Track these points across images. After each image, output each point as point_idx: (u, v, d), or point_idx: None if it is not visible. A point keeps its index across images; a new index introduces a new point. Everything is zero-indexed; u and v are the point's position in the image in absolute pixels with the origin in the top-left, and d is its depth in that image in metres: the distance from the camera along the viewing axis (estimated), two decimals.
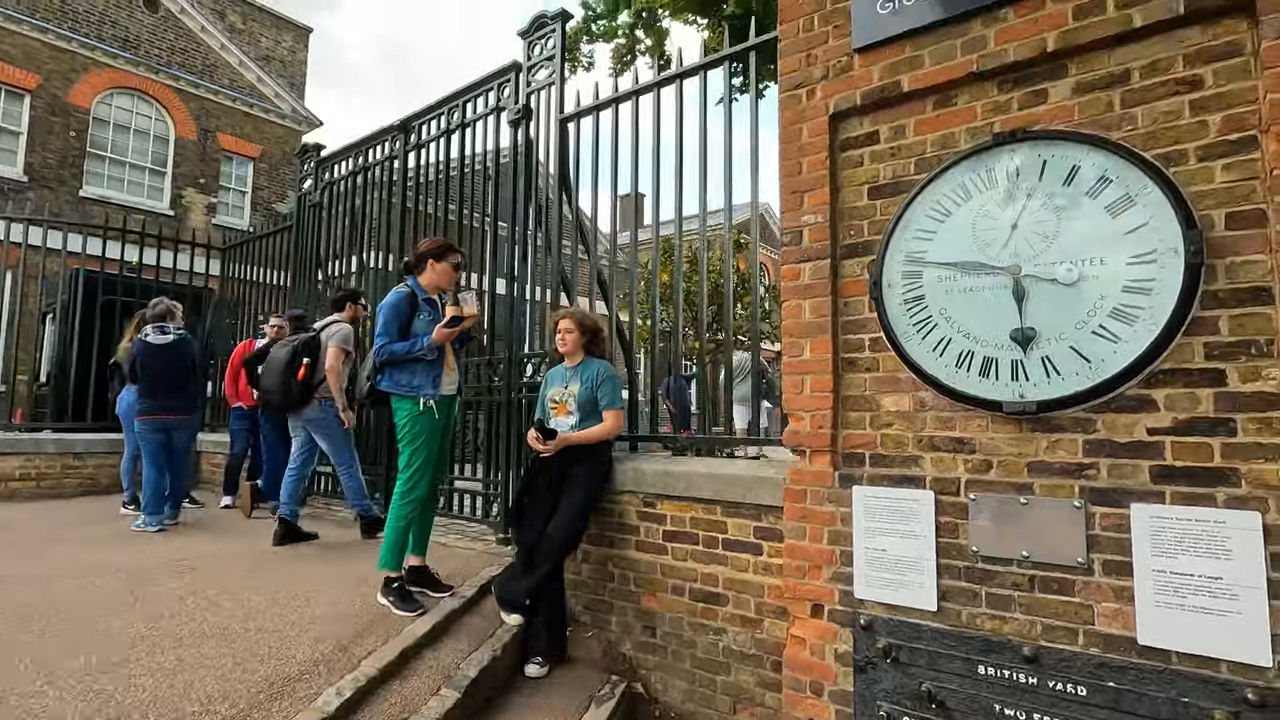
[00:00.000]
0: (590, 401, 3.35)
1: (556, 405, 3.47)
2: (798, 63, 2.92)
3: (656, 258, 3.78)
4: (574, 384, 3.43)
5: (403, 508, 3.26)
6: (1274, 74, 1.95)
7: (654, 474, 3.34)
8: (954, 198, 2.51)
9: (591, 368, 3.41)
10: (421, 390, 3.25)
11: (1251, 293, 2.00)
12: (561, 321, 3.48)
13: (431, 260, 3.37)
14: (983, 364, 2.40)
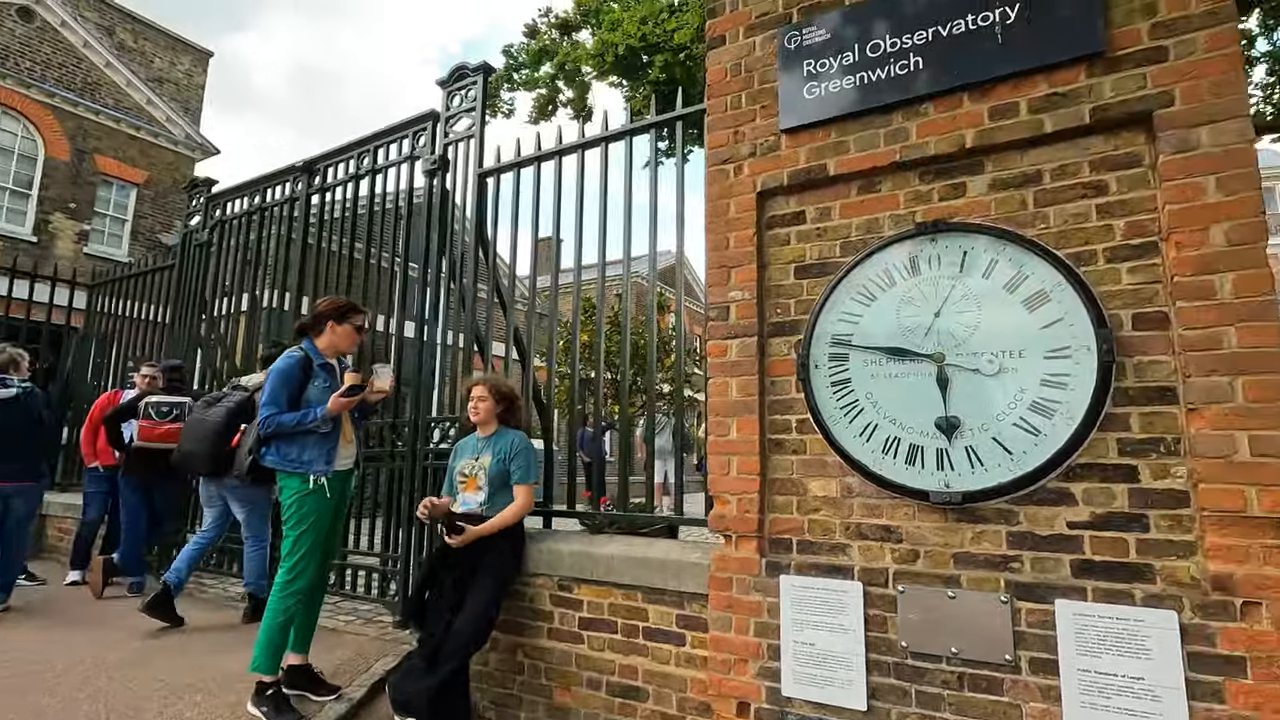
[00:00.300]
0: (501, 475, 3.11)
1: (466, 479, 3.21)
2: (725, 138, 2.90)
3: (576, 319, 3.64)
4: (485, 456, 3.18)
5: (283, 600, 2.87)
6: (1171, 187, 2.07)
7: (571, 556, 3.11)
8: (879, 283, 2.52)
9: (505, 439, 3.18)
10: (312, 466, 2.91)
11: (1158, 392, 2.07)
12: (474, 389, 3.25)
13: (331, 322, 3.07)
14: (909, 451, 2.38)
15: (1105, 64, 2.20)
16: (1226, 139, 2.01)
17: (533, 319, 3.88)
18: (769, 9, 2.88)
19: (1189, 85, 2.08)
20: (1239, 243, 1.97)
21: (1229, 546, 1.90)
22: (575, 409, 3.77)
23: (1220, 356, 1.95)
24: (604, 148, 3.57)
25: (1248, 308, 1.94)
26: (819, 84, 2.68)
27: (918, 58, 2.49)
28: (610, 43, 6.89)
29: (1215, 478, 1.92)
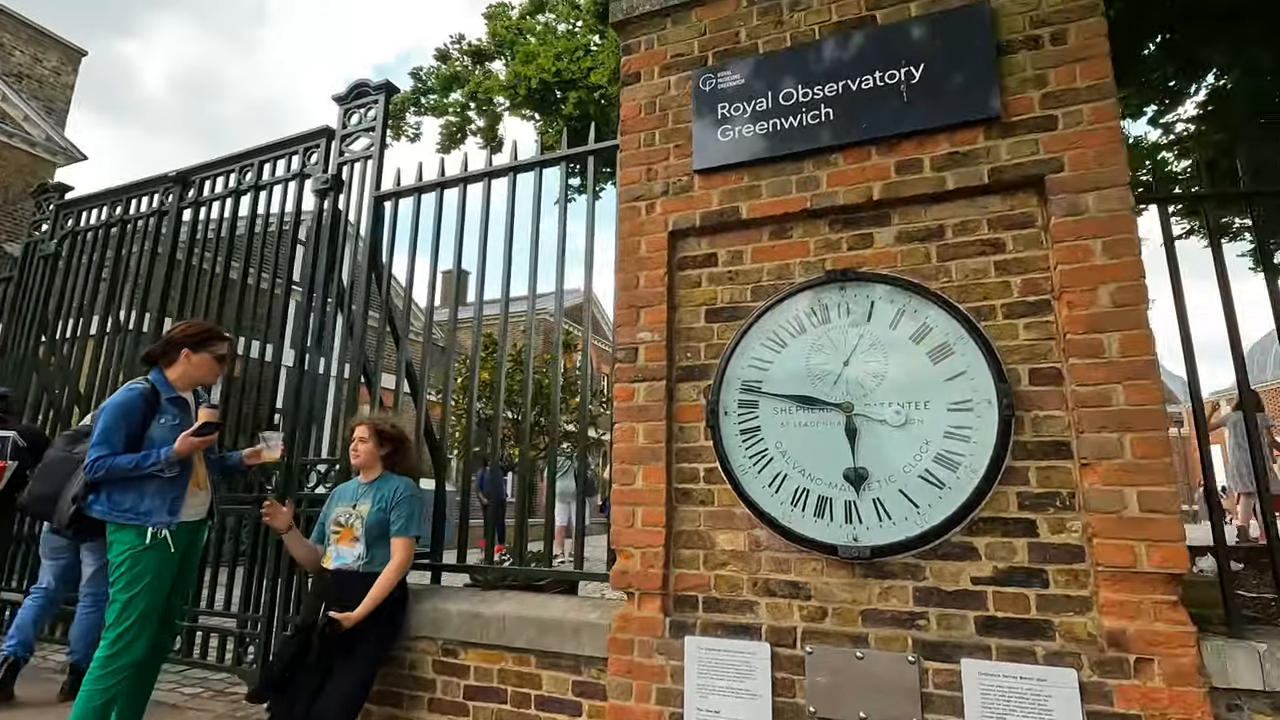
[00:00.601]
0: (381, 525, 2.79)
1: (340, 530, 2.86)
2: (638, 175, 2.82)
3: (476, 354, 3.41)
4: (364, 503, 2.85)
5: (104, 678, 2.41)
6: (1063, 248, 2.14)
7: (459, 616, 2.82)
8: (789, 329, 2.48)
9: (388, 485, 2.88)
10: (151, 518, 2.48)
11: (1054, 446, 2.11)
12: (357, 429, 2.93)
13: (186, 350, 2.67)
14: (818, 503, 2.31)
15: (1001, 128, 2.29)
16: (1110, 205, 2.12)
17: (429, 352, 3.61)
18: (684, 51, 2.86)
19: (1076, 153, 2.19)
20: (1123, 304, 2.05)
21: (1121, 602, 1.92)
22: (471, 450, 3.50)
23: (1110, 413, 2.01)
24: (512, 178, 3.41)
25: (1133, 366, 2.01)
26: (733, 127, 2.66)
27: (828, 109, 2.51)
28: (524, 75, 6.79)
29: (1107, 533, 1.95)
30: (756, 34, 2.74)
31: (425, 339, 3.64)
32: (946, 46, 2.38)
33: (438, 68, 8.14)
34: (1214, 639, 1.94)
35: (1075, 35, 2.26)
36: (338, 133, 4.08)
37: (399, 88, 4.16)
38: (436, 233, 3.59)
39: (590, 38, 6.73)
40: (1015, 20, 2.34)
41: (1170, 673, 1.84)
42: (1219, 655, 1.88)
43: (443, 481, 3.45)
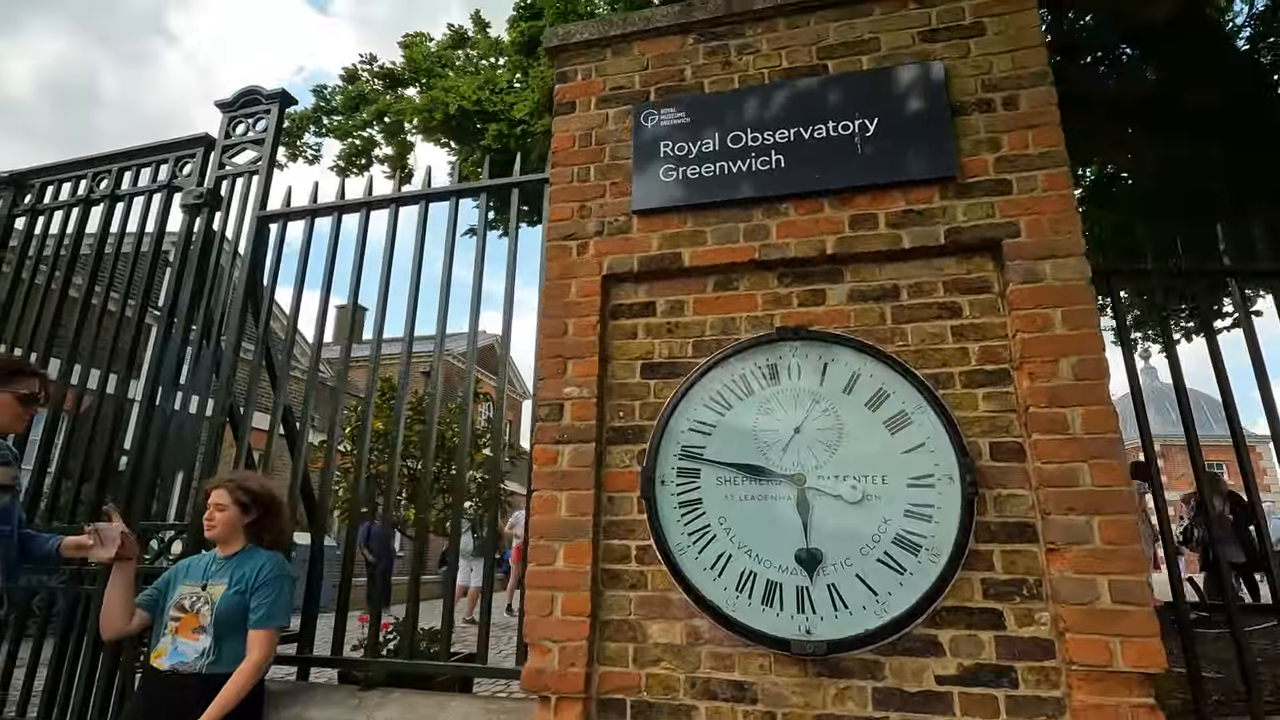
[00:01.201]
0: (236, 613, 2.24)
1: (182, 617, 2.28)
2: (570, 211, 2.54)
3: (371, 396, 2.95)
4: (218, 584, 2.30)
5: None
6: (1021, 315, 2.04)
7: None
8: (735, 390, 2.24)
9: (252, 562, 2.34)
10: None
11: (1019, 528, 1.95)
12: (213, 493, 2.39)
13: None
14: (766, 588, 2.04)
15: (957, 189, 2.20)
16: (1067, 274, 2.04)
17: (314, 393, 3.11)
18: (624, 84, 2.65)
19: (1032, 219, 2.11)
20: (1085, 378, 1.95)
21: (1098, 706, 1.75)
22: (360, 511, 3.00)
23: (1078, 494, 1.88)
24: (424, 206, 3.04)
25: (1097, 444, 1.90)
26: (677, 168, 2.44)
27: (780, 155, 2.35)
28: (441, 100, 6.41)
29: (1080, 627, 1.79)
30: (703, 73, 2.57)
31: (310, 378, 3.14)
32: (901, 102, 2.29)
33: (344, 87, 7.58)
34: None
35: (1026, 101, 2.22)
36: (219, 142, 3.56)
37: (296, 99, 3.71)
38: (331, 261, 3.14)
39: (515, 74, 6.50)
40: (967, 82, 2.29)
41: None
42: None
43: (320, 545, 2.91)
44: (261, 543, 2.41)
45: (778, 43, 2.52)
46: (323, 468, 3.01)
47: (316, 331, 3.09)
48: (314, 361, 3.06)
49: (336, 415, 3.04)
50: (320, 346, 3.07)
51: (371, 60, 7.59)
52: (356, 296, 3.14)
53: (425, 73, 7.11)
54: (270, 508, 2.45)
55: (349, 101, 7.40)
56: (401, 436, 2.93)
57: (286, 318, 3.38)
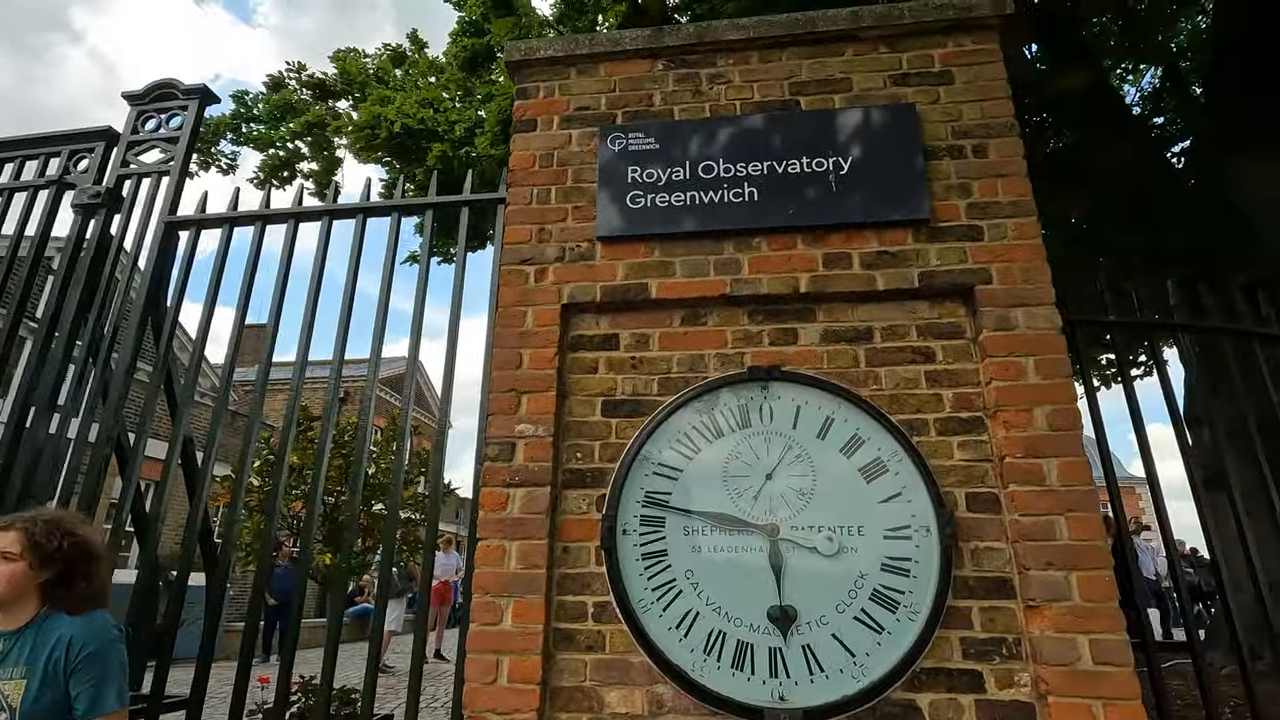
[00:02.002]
0: (51, 711, 1.59)
1: None
2: (528, 234, 2.36)
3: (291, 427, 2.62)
4: (12, 679, 1.60)
5: None
6: (995, 363, 2.01)
7: None
8: (704, 432, 2.09)
9: (55, 632, 1.65)
10: None
11: (996, 583, 1.88)
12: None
13: None
14: (737, 650, 1.88)
15: (930, 232, 2.17)
16: (1039, 323, 2.03)
17: (220, 423, 2.74)
18: (590, 105, 2.52)
19: (1003, 267, 2.10)
20: (1059, 428, 1.93)
21: None
22: (269, 551, 2.63)
23: (1056, 548, 1.82)
24: (360, 221, 2.78)
25: (1074, 496, 1.86)
26: (645, 195, 2.32)
27: (753, 188, 2.27)
28: (386, 116, 6.05)
29: (1062, 689, 1.72)
30: (673, 99, 2.47)
31: (220, 404, 2.78)
32: (876, 142, 2.27)
33: (268, 95, 7.08)
34: None
35: (995, 150, 2.24)
36: (124, 137, 3.18)
37: (219, 98, 3.38)
38: (250, 277, 2.82)
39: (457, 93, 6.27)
40: (939, 128, 2.29)
41: None
42: None
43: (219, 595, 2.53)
44: (68, 605, 1.72)
45: (750, 75, 2.46)
46: (229, 503, 2.65)
47: (228, 354, 2.74)
48: (224, 385, 2.71)
49: (250, 445, 2.69)
50: (232, 369, 2.73)
51: (300, 69, 7.15)
52: (279, 318, 2.82)
53: (360, 86, 6.75)
54: (78, 563, 1.74)
55: (273, 110, 6.90)
56: (324, 470, 2.62)
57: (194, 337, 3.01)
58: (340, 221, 2.84)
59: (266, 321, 2.74)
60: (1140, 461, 2.43)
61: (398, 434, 2.56)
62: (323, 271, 2.78)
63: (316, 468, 2.54)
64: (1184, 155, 7.47)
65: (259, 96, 7.20)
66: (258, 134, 7.22)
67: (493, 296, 2.41)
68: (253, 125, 7.27)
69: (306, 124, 6.58)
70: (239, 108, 7.29)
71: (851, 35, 2.42)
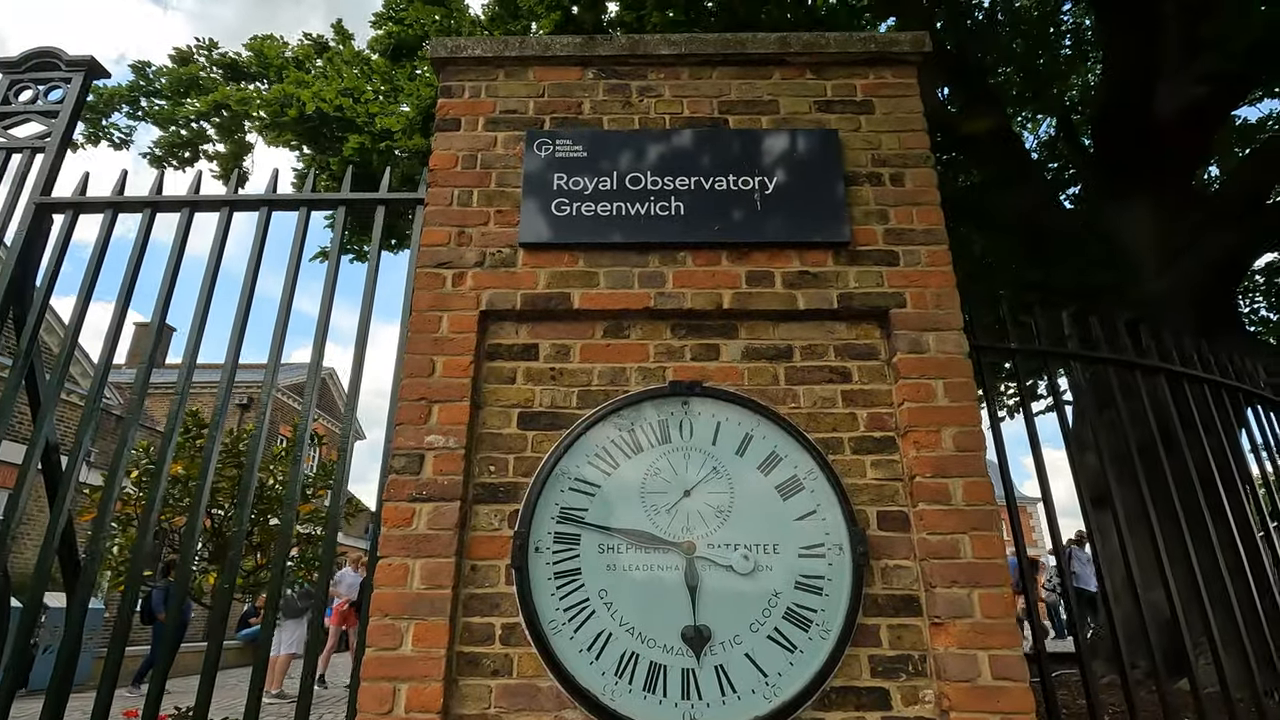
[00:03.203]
0: None
1: None
2: (446, 236, 2.27)
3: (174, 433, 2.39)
4: None
5: None
6: (907, 384, 2.06)
7: None
8: (623, 447, 2.05)
9: None
10: None
11: (904, 601, 1.91)
12: None
13: None
14: (649, 673, 1.83)
15: (850, 255, 2.22)
16: (949, 347, 2.10)
17: (91, 423, 2.48)
18: (517, 108, 2.45)
19: (917, 292, 2.17)
20: (965, 449, 1.99)
21: None
22: (139, 569, 2.36)
23: (961, 566, 1.88)
24: (265, 213, 2.59)
25: (978, 515, 1.93)
26: (571, 203, 2.27)
27: (680, 203, 2.26)
28: (296, 96, 5.68)
29: (963, 705, 1.76)
30: (602, 109, 2.44)
31: (91, 404, 2.50)
32: (800, 164, 2.31)
33: (173, 69, 6.53)
34: None
35: (911, 180, 2.32)
36: None
37: (108, 72, 3.10)
38: (135, 267, 2.57)
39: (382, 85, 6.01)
40: (860, 155, 2.36)
41: None
42: None
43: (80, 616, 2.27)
44: None
45: (680, 90, 2.46)
46: (95, 519, 2.38)
47: (102, 351, 2.49)
48: (97, 385, 2.46)
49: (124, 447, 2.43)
50: (106, 369, 2.47)
51: (211, 46, 6.63)
52: (165, 312, 2.57)
53: (277, 70, 6.35)
54: None
55: (177, 84, 6.37)
56: (210, 481, 2.40)
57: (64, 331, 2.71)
58: (245, 215, 2.65)
59: (149, 319, 2.50)
60: (1032, 483, 2.57)
61: (296, 441, 2.38)
62: (218, 267, 2.57)
63: (201, 477, 2.33)
64: (1075, 200, 8.11)
65: (162, 69, 6.61)
66: (158, 109, 6.62)
67: (407, 300, 2.29)
68: (153, 99, 6.68)
69: (214, 103, 6.10)
70: (138, 79, 6.66)
71: (780, 59, 2.47)
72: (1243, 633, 2.42)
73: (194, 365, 2.48)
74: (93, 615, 5.91)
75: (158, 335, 2.49)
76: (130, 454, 2.41)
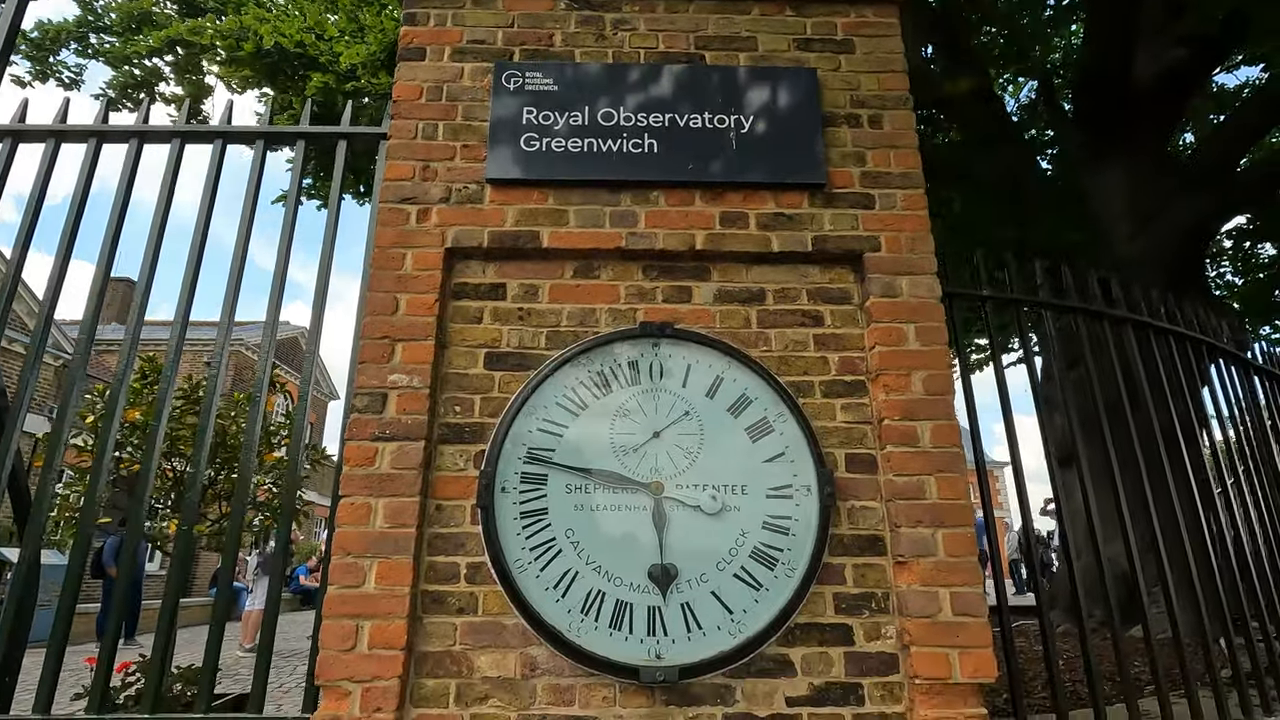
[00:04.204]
0: None
1: None
2: (410, 171, 2.18)
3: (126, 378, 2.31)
4: None
5: None
6: (879, 328, 2.05)
7: None
8: (591, 388, 2.02)
9: None
10: None
11: (870, 541, 1.93)
12: None
13: None
14: (615, 610, 1.83)
15: (825, 198, 2.18)
16: (921, 291, 2.09)
17: (32, 371, 2.38)
18: (485, 38, 2.35)
19: (891, 236, 2.15)
20: (934, 392, 1.99)
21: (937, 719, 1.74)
22: (90, 515, 2.28)
23: (925, 507, 1.89)
24: (219, 147, 2.46)
25: (944, 458, 1.94)
26: (540, 138, 2.19)
27: (654, 140, 2.20)
28: (254, 30, 5.37)
29: (924, 640, 1.79)
30: (574, 41, 2.35)
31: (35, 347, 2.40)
32: (777, 104, 2.25)
33: (123, 2, 6.13)
34: None
35: (889, 122, 2.27)
36: None
37: None
38: (81, 203, 2.44)
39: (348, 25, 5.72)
40: (838, 95, 2.30)
41: None
42: None
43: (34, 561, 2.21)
44: None
45: (655, 24, 2.37)
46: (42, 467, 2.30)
47: (47, 292, 2.37)
48: (42, 325, 2.35)
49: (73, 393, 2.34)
50: (52, 310, 2.36)
51: None
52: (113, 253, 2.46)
53: (234, 6, 6.01)
54: None
55: (128, 20, 5.99)
56: (164, 427, 2.33)
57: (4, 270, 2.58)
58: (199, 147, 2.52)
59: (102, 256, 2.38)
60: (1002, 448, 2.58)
61: (256, 386, 2.30)
62: (170, 203, 2.45)
63: (155, 420, 2.25)
64: (1053, 163, 8.13)
65: (111, 5, 6.18)
66: (109, 47, 6.23)
67: (370, 240, 2.21)
68: (103, 36, 6.29)
69: (168, 39, 5.75)
70: (85, 14, 6.24)
71: None
72: (1196, 583, 2.48)
73: (146, 301, 2.38)
74: (54, 571, 5.82)
75: (104, 281, 2.37)
76: (84, 401, 2.32)
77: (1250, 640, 2.58)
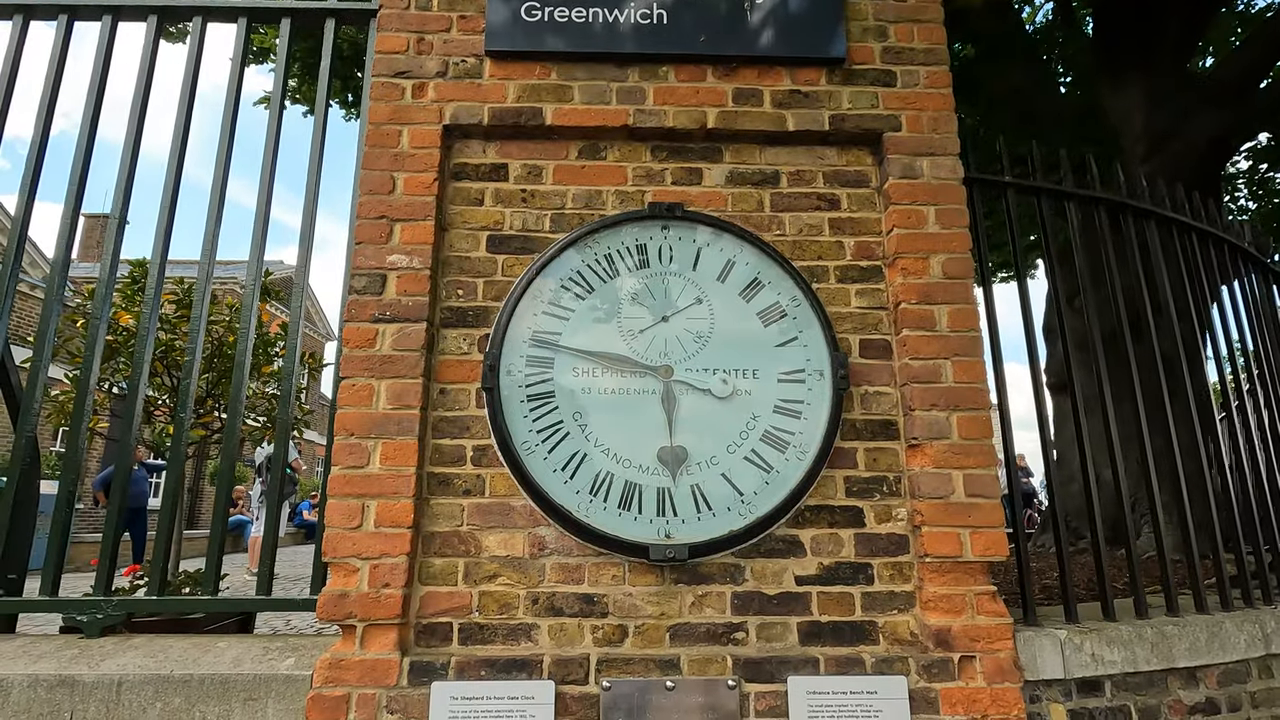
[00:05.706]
0: None
1: None
2: (405, 43, 2.05)
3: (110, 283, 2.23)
4: None
5: None
6: (897, 211, 1.96)
7: (34, 687, 1.69)
8: (599, 271, 1.94)
9: None
10: None
11: (882, 426, 1.90)
12: None
13: None
14: (625, 492, 1.80)
15: (844, 74, 2.06)
16: (943, 173, 1.99)
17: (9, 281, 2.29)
18: None
19: (913, 115, 2.04)
20: (953, 276, 1.93)
21: (946, 596, 1.75)
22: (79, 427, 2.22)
23: (941, 390, 1.85)
24: (200, 24, 2.31)
25: (961, 341, 1.88)
26: (542, 8, 2.05)
27: (662, 10, 2.06)
28: None
29: (935, 520, 1.78)
30: None
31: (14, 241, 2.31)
32: None
33: None
34: (1023, 629, 1.88)
35: None
36: None
37: None
38: (56, 80, 2.30)
39: None
40: None
41: (990, 670, 1.70)
42: (1028, 646, 1.80)
43: (35, 469, 2.18)
44: None
45: None
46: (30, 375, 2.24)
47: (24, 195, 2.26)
48: (21, 215, 2.25)
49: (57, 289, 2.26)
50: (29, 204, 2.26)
51: None
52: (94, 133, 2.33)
53: None
54: None
55: None
56: (153, 335, 2.26)
57: None
58: None
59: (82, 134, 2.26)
60: None
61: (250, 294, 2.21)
62: (149, 85, 2.31)
63: (143, 326, 2.18)
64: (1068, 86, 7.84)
65: None
66: None
67: (363, 122, 2.09)
68: None
69: None
70: None
71: None
72: (1186, 504, 2.32)
73: (129, 197, 2.28)
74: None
75: (86, 155, 2.25)
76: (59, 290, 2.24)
77: (1240, 556, 2.44)
